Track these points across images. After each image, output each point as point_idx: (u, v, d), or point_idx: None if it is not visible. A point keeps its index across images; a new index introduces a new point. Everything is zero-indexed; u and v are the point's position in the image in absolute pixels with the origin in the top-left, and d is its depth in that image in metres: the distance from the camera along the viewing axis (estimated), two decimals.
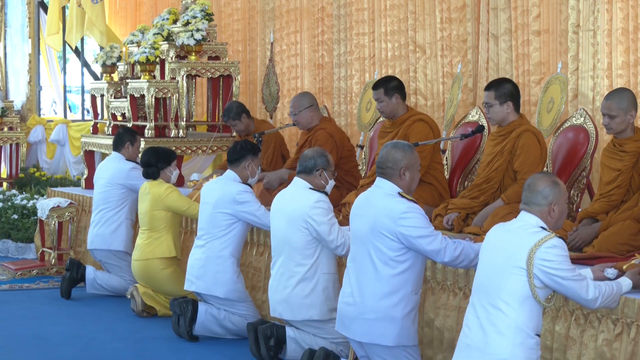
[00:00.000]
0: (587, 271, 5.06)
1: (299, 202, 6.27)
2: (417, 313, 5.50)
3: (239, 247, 7.15)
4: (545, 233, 4.59)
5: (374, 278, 5.37)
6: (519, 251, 4.58)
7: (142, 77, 9.80)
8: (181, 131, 9.64)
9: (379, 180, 5.51)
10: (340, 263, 6.47)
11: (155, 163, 7.95)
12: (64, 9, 14.89)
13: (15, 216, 10.96)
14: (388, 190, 5.43)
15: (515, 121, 6.72)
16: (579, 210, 6.54)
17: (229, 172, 7.19)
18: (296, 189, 6.39)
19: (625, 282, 4.83)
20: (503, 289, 4.59)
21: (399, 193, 5.40)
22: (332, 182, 6.46)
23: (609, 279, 5.02)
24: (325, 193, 6.35)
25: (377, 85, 7.60)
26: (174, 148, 9.50)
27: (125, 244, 8.62)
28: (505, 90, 6.71)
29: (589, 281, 4.64)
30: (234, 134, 9.91)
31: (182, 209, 7.81)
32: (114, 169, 8.73)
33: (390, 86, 7.52)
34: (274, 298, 6.39)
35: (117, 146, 8.84)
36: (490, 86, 6.79)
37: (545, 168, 7.32)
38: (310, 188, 6.33)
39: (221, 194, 7.08)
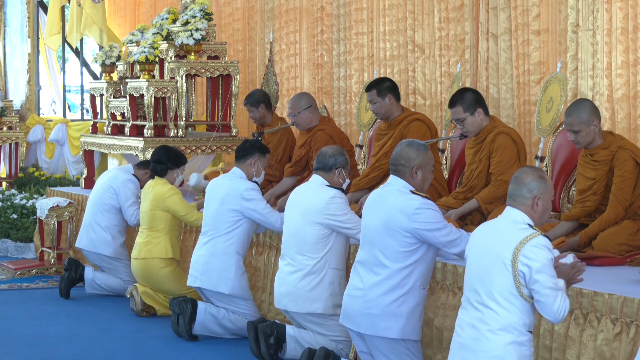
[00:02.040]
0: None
1: (315, 197, 6.30)
2: (423, 308, 5.52)
3: (245, 244, 7.16)
4: (531, 231, 4.57)
5: (381, 272, 5.39)
6: (505, 248, 4.56)
7: (141, 76, 9.80)
8: (180, 131, 9.64)
9: (392, 178, 5.53)
10: (348, 261, 6.47)
11: (165, 161, 7.96)
12: (63, 8, 14.90)
13: (15, 216, 10.96)
14: (401, 187, 5.45)
15: (488, 126, 6.77)
16: None
17: (235, 169, 7.21)
18: (314, 185, 6.42)
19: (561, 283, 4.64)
20: (492, 288, 4.58)
21: (411, 191, 5.42)
22: (347, 181, 6.50)
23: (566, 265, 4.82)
24: (342, 190, 6.38)
25: (369, 87, 7.61)
26: None
27: (113, 249, 8.58)
28: (469, 100, 6.73)
29: (561, 294, 4.51)
30: (234, 132, 9.91)
31: (181, 213, 7.80)
32: (114, 174, 8.77)
33: (383, 87, 7.53)
34: (280, 290, 6.40)
35: (140, 165, 8.81)
36: (454, 102, 6.78)
37: (544, 167, 7.33)
38: (327, 185, 6.36)
39: (228, 191, 7.08)
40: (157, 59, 9.84)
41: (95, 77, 14.67)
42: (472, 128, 6.76)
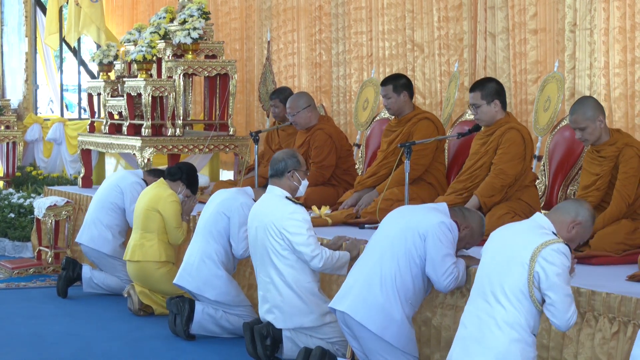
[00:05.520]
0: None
1: (274, 212, 6.16)
2: (412, 325, 5.52)
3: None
4: (554, 237, 4.62)
5: (387, 267, 5.39)
6: (525, 248, 4.60)
7: (138, 75, 9.79)
8: (178, 130, 9.63)
9: (443, 205, 5.57)
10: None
11: (181, 174, 7.94)
12: (61, 8, 14.89)
13: (12, 215, 10.95)
14: (443, 212, 5.50)
15: (502, 119, 6.74)
16: None
17: (246, 189, 7.20)
18: (272, 198, 6.28)
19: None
20: (505, 283, 4.61)
21: (451, 217, 5.47)
22: (305, 183, 6.35)
23: None
24: (302, 204, 6.24)
25: (386, 82, 7.63)
26: (170, 147, 9.52)
27: (113, 247, 8.55)
28: (490, 89, 6.72)
29: (574, 303, 4.63)
30: (231, 132, 9.91)
31: (172, 225, 7.73)
32: (123, 175, 8.73)
33: (399, 83, 7.57)
34: (263, 307, 6.32)
35: (151, 171, 8.74)
36: (475, 87, 6.78)
37: (542, 167, 7.33)
38: (286, 197, 6.22)
39: (225, 198, 7.09)
40: (154, 58, 9.83)
41: (92, 76, 14.64)
42: (485, 117, 6.74)
